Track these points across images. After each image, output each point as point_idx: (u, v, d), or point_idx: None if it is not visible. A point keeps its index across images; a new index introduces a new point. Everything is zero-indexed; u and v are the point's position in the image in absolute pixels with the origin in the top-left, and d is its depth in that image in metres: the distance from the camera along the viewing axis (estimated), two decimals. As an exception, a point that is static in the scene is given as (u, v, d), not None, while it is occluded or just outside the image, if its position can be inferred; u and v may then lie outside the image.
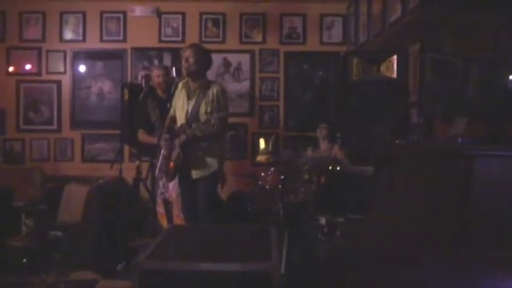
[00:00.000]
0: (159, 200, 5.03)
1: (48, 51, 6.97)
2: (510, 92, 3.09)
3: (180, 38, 6.93)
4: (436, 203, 2.50)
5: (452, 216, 2.34)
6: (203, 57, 4.26)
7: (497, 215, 2.28)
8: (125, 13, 6.94)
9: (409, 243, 2.47)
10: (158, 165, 4.38)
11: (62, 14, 6.97)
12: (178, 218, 4.80)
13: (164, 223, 5.03)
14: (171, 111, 4.43)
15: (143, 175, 5.50)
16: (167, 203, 4.96)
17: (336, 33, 7.03)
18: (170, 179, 4.43)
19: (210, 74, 4.56)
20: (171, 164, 4.24)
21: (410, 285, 2.28)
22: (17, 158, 6.97)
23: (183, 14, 6.98)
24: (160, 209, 5.05)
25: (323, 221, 4.40)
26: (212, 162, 4.23)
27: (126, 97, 5.70)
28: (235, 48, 6.99)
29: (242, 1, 6.95)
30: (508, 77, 3.18)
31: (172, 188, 4.82)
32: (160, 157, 4.33)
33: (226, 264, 2.44)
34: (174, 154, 4.17)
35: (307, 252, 4.17)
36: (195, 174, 4.19)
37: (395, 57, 4.63)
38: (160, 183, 4.94)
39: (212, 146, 4.22)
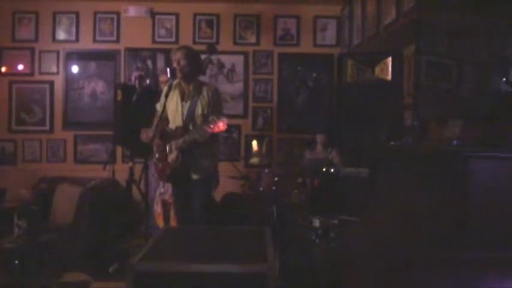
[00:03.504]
0: (158, 199, 5.03)
1: (40, 51, 6.95)
2: (504, 94, 3.09)
3: (173, 39, 6.92)
4: (431, 205, 2.50)
5: (448, 218, 2.34)
6: (194, 59, 4.25)
7: (493, 216, 2.29)
8: (118, 13, 6.93)
9: (405, 245, 2.46)
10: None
11: (54, 14, 6.94)
12: (175, 220, 4.79)
13: (160, 222, 5.03)
14: (160, 112, 4.36)
15: (136, 176, 5.48)
16: (166, 204, 4.96)
17: (330, 35, 7.04)
18: (165, 181, 4.41)
19: (204, 76, 4.55)
20: (163, 166, 4.22)
21: None
22: (9, 159, 6.93)
23: (177, 14, 6.98)
24: (158, 209, 5.05)
25: (317, 223, 4.41)
26: (207, 164, 4.22)
27: (119, 98, 5.67)
28: (229, 49, 6.98)
29: (236, 2, 6.94)
30: (502, 79, 3.19)
31: (172, 190, 4.81)
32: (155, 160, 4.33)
33: (221, 265, 2.43)
34: (172, 157, 4.14)
35: (301, 254, 4.17)
36: (194, 176, 4.17)
37: (390, 59, 4.64)
38: (161, 183, 4.94)
39: (208, 148, 4.19)
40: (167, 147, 4.19)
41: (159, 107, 4.39)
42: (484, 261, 2.23)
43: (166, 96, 4.23)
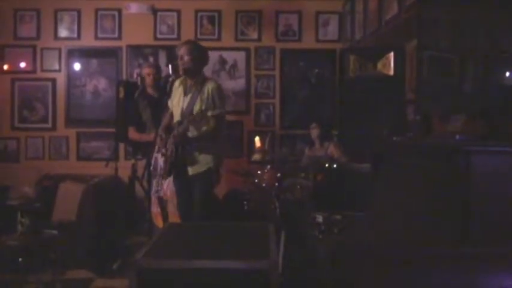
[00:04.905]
0: (153, 198, 5.00)
1: (42, 49, 6.95)
2: (507, 88, 3.08)
3: (175, 36, 6.91)
4: (434, 200, 2.49)
5: (451, 213, 2.34)
6: (199, 54, 4.24)
7: (496, 211, 2.28)
8: (120, 10, 6.92)
9: (407, 240, 2.46)
10: (153, 162, 4.37)
11: (56, 11, 6.94)
12: (174, 216, 4.77)
13: (159, 223, 4.99)
14: (168, 108, 4.42)
15: (138, 173, 5.48)
16: (162, 201, 4.93)
17: (332, 31, 7.02)
18: (165, 177, 4.41)
19: (206, 72, 4.53)
20: (165, 161, 4.23)
21: (409, 283, 2.28)
22: (12, 156, 6.94)
23: (179, 11, 6.96)
24: (154, 209, 5.01)
25: (320, 218, 4.40)
26: (207, 159, 4.22)
27: (121, 95, 5.67)
28: (231, 45, 6.98)
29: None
30: (505, 74, 3.18)
31: (167, 186, 4.79)
32: (156, 154, 4.32)
33: (225, 262, 2.43)
34: (168, 151, 4.15)
35: (304, 250, 4.17)
36: (190, 170, 4.18)
37: (392, 54, 4.63)
38: (154, 181, 4.92)
39: (208, 143, 4.20)
40: (168, 143, 4.21)
41: (170, 103, 4.42)
42: (487, 256, 2.23)
43: (170, 92, 4.25)
